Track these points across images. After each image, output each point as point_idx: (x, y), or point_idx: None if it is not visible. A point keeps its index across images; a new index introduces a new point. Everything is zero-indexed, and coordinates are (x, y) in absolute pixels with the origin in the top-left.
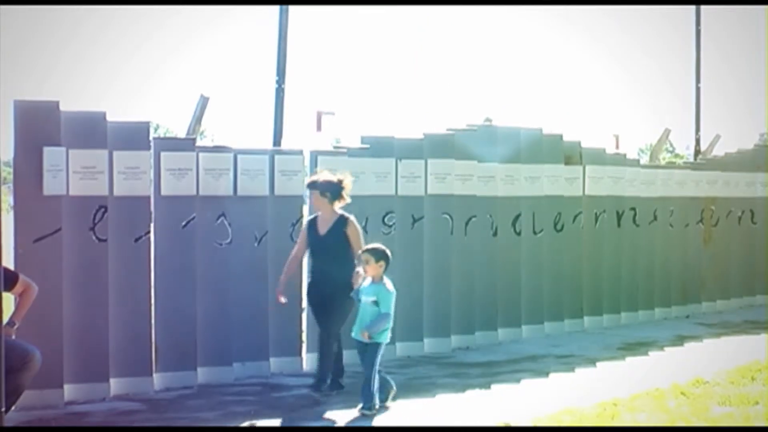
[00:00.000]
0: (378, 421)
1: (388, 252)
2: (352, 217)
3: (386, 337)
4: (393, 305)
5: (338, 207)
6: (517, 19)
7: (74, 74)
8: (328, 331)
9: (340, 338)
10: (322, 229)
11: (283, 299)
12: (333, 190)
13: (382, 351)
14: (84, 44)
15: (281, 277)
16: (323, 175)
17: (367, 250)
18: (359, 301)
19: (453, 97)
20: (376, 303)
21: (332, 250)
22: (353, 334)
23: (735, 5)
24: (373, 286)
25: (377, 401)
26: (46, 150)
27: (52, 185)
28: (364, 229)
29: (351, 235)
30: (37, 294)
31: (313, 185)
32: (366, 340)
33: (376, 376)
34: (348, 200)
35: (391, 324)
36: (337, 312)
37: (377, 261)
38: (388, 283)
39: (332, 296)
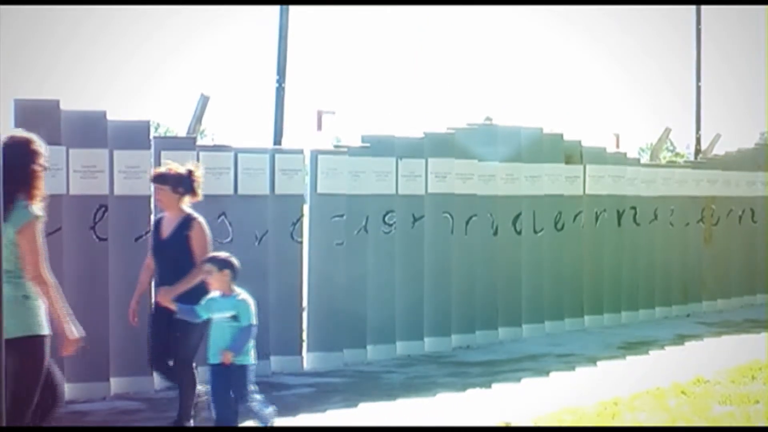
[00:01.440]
0: (377, 420)
1: (233, 260)
2: (200, 219)
3: (252, 357)
4: (255, 316)
5: (187, 205)
6: (517, 19)
7: (74, 74)
8: (178, 359)
9: (192, 369)
10: (165, 231)
11: (134, 321)
12: (186, 184)
13: (251, 373)
14: (84, 44)
15: (134, 294)
16: (170, 167)
17: (208, 260)
18: (201, 319)
19: (453, 96)
20: (235, 318)
21: (171, 258)
22: (209, 360)
23: (735, 5)
24: (225, 299)
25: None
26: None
27: (50, 184)
28: (365, 228)
29: (194, 239)
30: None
31: (161, 179)
32: (228, 362)
33: (254, 402)
34: (200, 197)
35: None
36: (181, 336)
37: (220, 270)
38: (243, 293)
39: (170, 315)
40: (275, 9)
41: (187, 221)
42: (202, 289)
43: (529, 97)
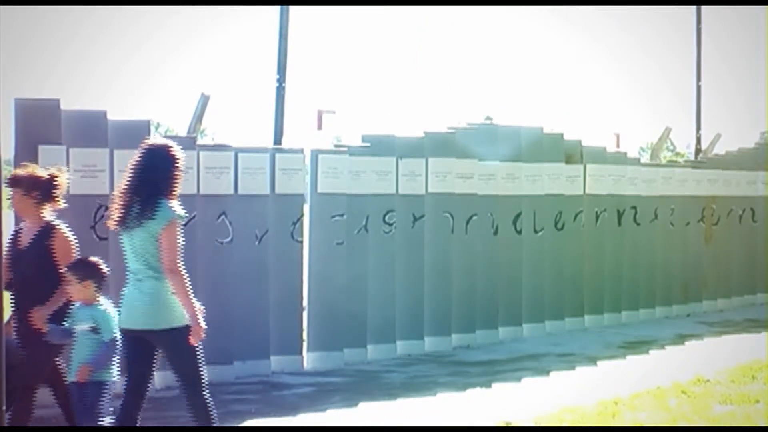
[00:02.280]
0: (377, 420)
1: (101, 266)
2: (61, 226)
3: (113, 373)
4: (117, 330)
5: (48, 212)
6: (517, 19)
7: (74, 74)
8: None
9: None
10: (23, 241)
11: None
12: (42, 189)
13: (108, 393)
14: (84, 44)
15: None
16: (29, 170)
17: (68, 267)
18: (63, 334)
19: (454, 95)
20: (95, 330)
21: (30, 271)
22: (69, 376)
23: (735, 5)
24: (84, 310)
25: None
26: (42, 148)
27: None
28: (365, 228)
29: (57, 249)
30: None
31: (14, 181)
32: (83, 379)
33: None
34: (61, 204)
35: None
36: (32, 358)
37: (81, 281)
38: (105, 304)
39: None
40: (275, 9)
41: (46, 230)
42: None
43: (529, 97)
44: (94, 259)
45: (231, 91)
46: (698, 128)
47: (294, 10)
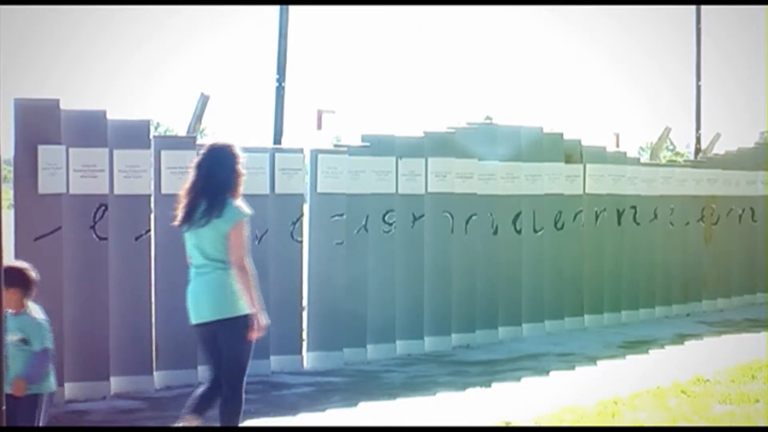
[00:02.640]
0: (377, 420)
1: (27, 273)
2: None
3: (52, 384)
4: (50, 338)
5: None
6: (517, 19)
7: (74, 74)
8: None
9: None
10: None
11: None
12: None
13: (44, 404)
14: (84, 44)
15: None
16: None
17: None
18: None
19: (453, 95)
20: (25, 341)
21: None
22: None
23: (735, 5)
24: (13, 319)
25: None
26: (42, 148)
27: (49, 183)
28: (365, 227)
29: None
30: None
31: None
32: (20, 393)
33: None
34: None
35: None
36: None
37: (8, 288)
38: (36, 311)
39: None
40: (275, 9)
41: None
42: None
43: (529, 97)
44: (19, 264)
45: (231, 90)
46: (698, 128)
47: (293, 9)
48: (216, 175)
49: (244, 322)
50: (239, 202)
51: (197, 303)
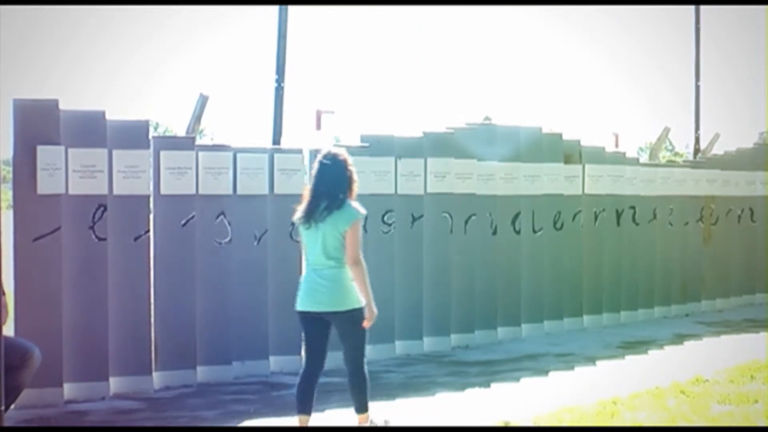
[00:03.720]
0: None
1: None
2: None
3: None
4: None
5: None
6: (517, 19)
7: (74, 74)
8: None
9: None
10: None
11: None
12: None
13: None
14: (84, 44)
15: None
16: None
17: None
18: None
19: (452, 95)
20: None
21: None
22: None
23: (735, 5)
24: None
25: None
26: (41, 149)
27: (47, 184)
28: (364, 228)
29: None
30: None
31: None
32: None
33: None
34: None
35: None
36: None
37: None
38: None
39: None
40: (274, 9)
41: None
42: None
43: (528, 97)
44: None
45: (230, 91)
46: (697, 128)
47: (293, 10)
48: (332, 178)
49: (359, 313)
50: (356, 204)
51: (311, 293)
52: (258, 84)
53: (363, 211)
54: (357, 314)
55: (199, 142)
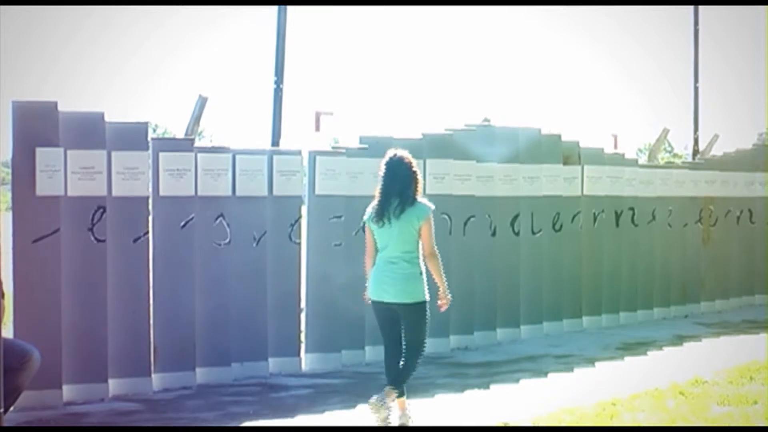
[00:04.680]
0: (376, 421)
1: None
2: None
3: None
4: None
5: None
6: (517, 19)
7: (74, 74)
8: None
9: None
10: None
11: None
12: None
13: None
14: (84, 44)
15: None
16: None
17: None
18: None
19: (451, 97)
20: None
21: None
22: None
23: (734, 5)
24: None
25: None
26: (40, 150)
27: (47, 186)
28: (362, 229)
29: None
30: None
31: None
32: None
33: None
34: None
35: None
36: None
37: None
38: None
39: None
40: (273, 9)
41: None
42: None
43: (527, 98)
44: None
45: (229, 92)
46: (696, 129)
47: (292, 10)
48: (400, 178)
49: (424, 306)
50: (425, 200)
51: (383, 285)
52: (257, 85)
53: (432, 206)
54: (423, 307)
55: (198, 143)
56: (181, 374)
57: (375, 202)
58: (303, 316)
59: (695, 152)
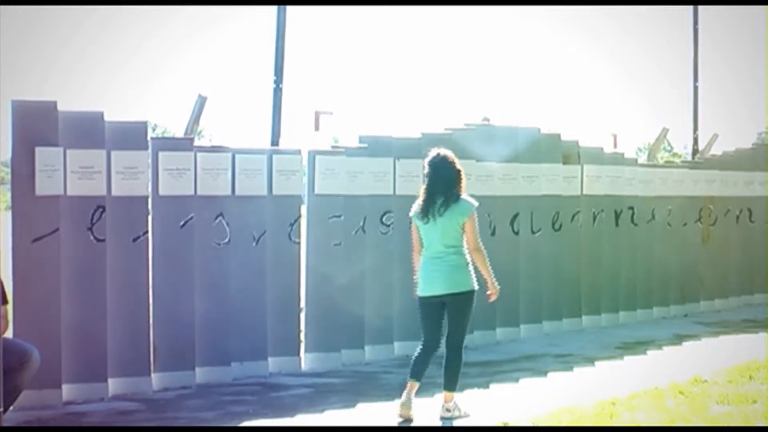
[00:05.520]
0: (375, 421)
1: None
2: None
3: None
4: None
5: None
6: (517, 19)
7: (74, 74)
8: None
9: None
10: None
11: None
12: None
13: None
14: (84, 44)
15: None
16: None
17: None
18: None
19: (451, 96)
20: None
21: None
22: None
23: (734, 5)
24: None
25: None
26: (39, 150)
27: (46, 185)
28: (362, 229)
29: None
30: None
31: None
32: None
33: None
34: None
35: None
36: None
37: None
38: None
39: None
40: (273, 9)
41: None
42: None
43: (526, 97)
44: None
45: (228, 92)
46: (695, 129)
47: (291, 10)
48: (444, 176)
49: (471, 296)
50: (469, 197)
51: (432, 280)
52: (256, 85)
53: (476, 203)
54: (470, 296)
55: (197, 143)
56: (180, 374)
57: (420, 200)
58: (302, 315)
59: (695, 152)
